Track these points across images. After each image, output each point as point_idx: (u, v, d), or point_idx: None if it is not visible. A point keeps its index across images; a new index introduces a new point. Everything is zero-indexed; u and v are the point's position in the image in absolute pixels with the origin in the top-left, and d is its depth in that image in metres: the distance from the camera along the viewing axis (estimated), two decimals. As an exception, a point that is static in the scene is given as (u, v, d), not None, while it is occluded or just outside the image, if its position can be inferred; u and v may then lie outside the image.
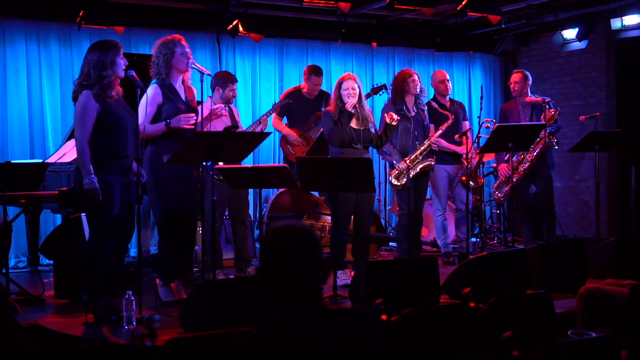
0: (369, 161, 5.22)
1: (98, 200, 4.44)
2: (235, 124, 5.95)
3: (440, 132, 6.32)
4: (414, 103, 6.26)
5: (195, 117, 4.93)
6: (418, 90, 6.22)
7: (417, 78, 6.21)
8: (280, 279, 2.26)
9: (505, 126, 6.33)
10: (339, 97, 5.65)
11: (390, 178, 6.24)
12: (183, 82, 5.11)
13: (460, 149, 6.65)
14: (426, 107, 6.43)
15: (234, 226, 6.11)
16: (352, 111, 5.58)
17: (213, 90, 6.04)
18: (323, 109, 6.57)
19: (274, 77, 8.47)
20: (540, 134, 6.51)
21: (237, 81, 6.11)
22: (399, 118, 5.71)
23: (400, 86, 6.20)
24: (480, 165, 7.27)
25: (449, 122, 6.41)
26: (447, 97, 7.04)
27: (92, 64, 4.50)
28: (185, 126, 4.87)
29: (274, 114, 6.95)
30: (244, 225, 6.07)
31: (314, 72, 7.08)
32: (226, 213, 6.19)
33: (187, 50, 5.01)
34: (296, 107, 6.91)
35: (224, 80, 6.00)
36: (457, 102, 7.22)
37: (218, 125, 5.88)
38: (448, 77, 7.01)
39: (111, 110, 4.54)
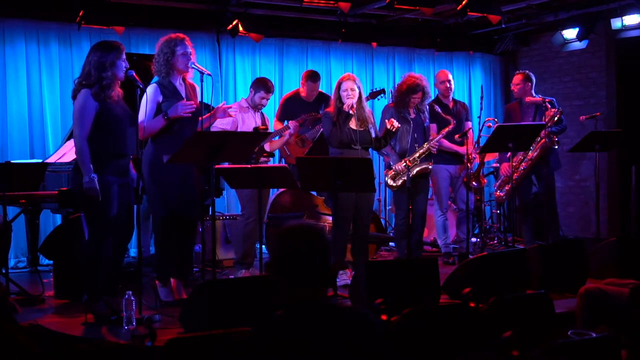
0: (369, 161, 5.22)
1: (97, 199, 4.44)
2: (265, 125, 6.08)
3: (440, 136, 6.31)
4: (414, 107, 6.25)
5: (194, 105, 4.90)
6: (418, 101, 6.19)
7: (420, 95, 6.13)
8: (290, 277, 2.27)
9: (505, 126, 6.33)
10: (339, 97, 5.65)
11: (386, 178, 6.24)
12: (184, 79, 5.10)
13: (463, 149, 6.64)
14: (427, 108, 6.42)
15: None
16: (350, 112, 5.57)
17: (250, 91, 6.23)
18: (322, 111, 6.57)
19: (274, 77, 8.46)
20: (541, 134, 6.51)
21: (272, 92, 6.20)
22: (399, 125, 5.71)
23: (404, 96, 6.16)
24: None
25: (450, 127, 6.37)
26: (450, 97, 7.03)
27: (93, 64, 4.51)
28: (183, 114, 4.83)
29: (274, 119, 6.99)
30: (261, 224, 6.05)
31: (311, 78, 7.08)
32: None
33: (189, 50, 4.99)
34: (295, 110, 6.91)
35: (258, 85, 6.16)
36: (460, 102, 7.20)
37: (249, 124, 5.99)
38: (450, 78, 6.98)
39: (110, 110, 4.53)
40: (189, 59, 4.98)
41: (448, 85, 6.94)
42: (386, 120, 5.77)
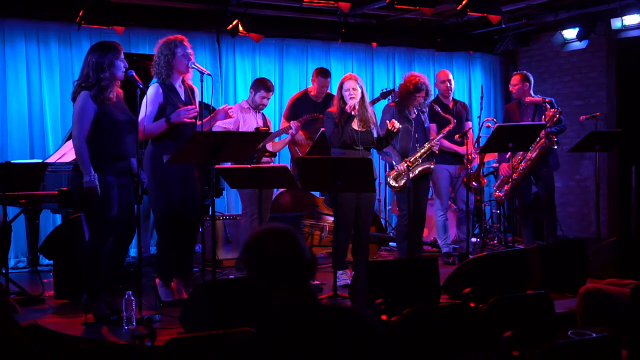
0: (369, 161, 5.21)
1: (98, 198, 4.44)
2: (267, 126, 6.10)
3: (441, 135, 6.31)
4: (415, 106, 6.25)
5: (196, 110, 4.91)
6: (421, 100, 6.19)
7: (424, 94, 6.14)
8: (267, 281, 2.29)
9: (505, 126, 6.33)
10: (341, 97, 5.64)
11: (388, 179, 6.23)
12: (183, 81, 5.10)
13: (463, 149, 6.63)
14: (427, 109, 6.41)
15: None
16: (352, 113, 5.56)
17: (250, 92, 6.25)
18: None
19: (274, 77, 8.45)
20: (541, 134, 6.51)
21: (272, 91, 6.23)
22: (400, 126, 5.70)
23: (406, 95, 6.16)
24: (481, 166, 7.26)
25: (451, 126, 6.37)
26: (450, 97, 7.03)
27: (91, 66, 4.50)
28: (186, 120, 4.84)
29: (282, 119, 6.99)
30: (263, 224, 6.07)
31: (321, 73, 7.10)
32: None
33: (189, 51, 4.99)
34: (304, 110, 6.92)
35: (258, 85, 6.19)
36: (460, 102, 7.20)
37: (250, 125, 5.99)
38: (450, 78, 6.98)
39: (109, 112, 4.53)
40: (189, 59, 4.98)
41: (448, 85, 6.94)
42: (387, 121, 5.76)
